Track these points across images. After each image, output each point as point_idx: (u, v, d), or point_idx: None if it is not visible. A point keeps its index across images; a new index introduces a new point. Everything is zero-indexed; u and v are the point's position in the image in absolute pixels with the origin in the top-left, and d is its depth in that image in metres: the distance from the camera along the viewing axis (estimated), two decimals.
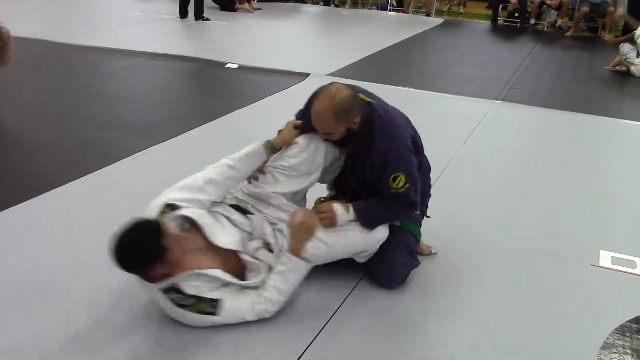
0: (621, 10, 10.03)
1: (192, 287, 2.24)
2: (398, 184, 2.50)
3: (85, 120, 4.74)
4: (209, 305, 2.26)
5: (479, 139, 4.79)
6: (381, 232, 2.59)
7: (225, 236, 2.42)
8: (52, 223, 3.12)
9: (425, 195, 2.87)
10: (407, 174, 2.51)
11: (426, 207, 2.89)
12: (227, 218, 2.51)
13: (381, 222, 2.60)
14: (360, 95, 2.54)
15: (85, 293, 2.53)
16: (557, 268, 2.97)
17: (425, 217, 2.89)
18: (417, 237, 2.78)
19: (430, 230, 2.99)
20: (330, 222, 2.50)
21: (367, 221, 2.55)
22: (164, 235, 2.17)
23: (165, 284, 2.23)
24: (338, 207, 2.52)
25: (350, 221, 2.53)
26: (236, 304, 2.30)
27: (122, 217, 3.16)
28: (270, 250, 2.51)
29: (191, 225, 2.39)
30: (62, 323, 2.34)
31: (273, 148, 2.62)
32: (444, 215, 3.29)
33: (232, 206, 2.58)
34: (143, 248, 2.16)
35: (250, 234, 2.53)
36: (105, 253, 2.81)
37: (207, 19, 9.72)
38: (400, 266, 2.67)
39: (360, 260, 2.64)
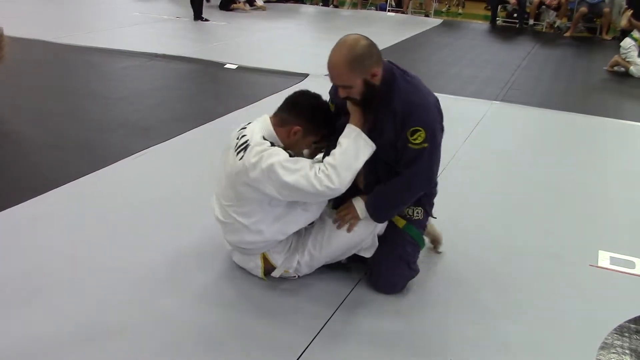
0: (624, 21, 10.03)
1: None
2: (416, 139, 2.34)
3: (84, 120, 4.74)
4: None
5: (478, 139, 4.79)
6: (364, 230, 2.57)
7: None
8: (51, 224, 3.12)
9: (432, 193, 2.75)
10: (429, 132, 2.34)
11: (431, 206, 2.78)
12: None
13: (392, 206, 2.53)
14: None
15: (84, 293, 2.53)
16: (556, 268, 2.97)
17: (431, 217, 2.81)
18: (419, 244, 2.70)
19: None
20: (353, 218, 2.52)
21: (375, 212, 2.50)
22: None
23: None
24: (358, 202, 2.52)
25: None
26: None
27: (122, 217, 3.19)
28: None
29: None
30: (61, 324, 2.34)
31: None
32: (442, 215, 3.28)
33: None
34: (325, 114, 2.53)
35: None
36: (105, 254, 2.82)
37: (206, 20, 9.72)
38: (396, 277, 2.64)
39: (367, 254, 2.66)
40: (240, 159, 2.39)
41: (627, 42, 7.68)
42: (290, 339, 2.32)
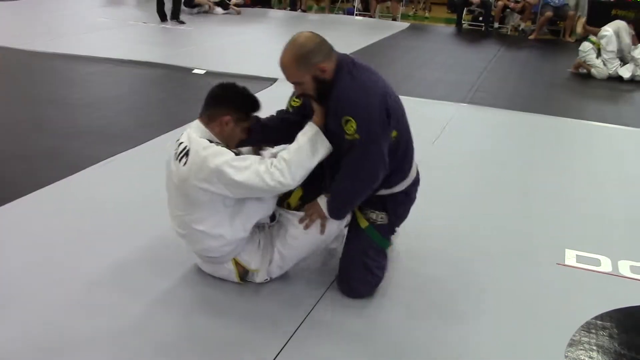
0: (579, 28, 10.26)
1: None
2: (349, 129, 2.31)
3: (49, 128, 4.66)
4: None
5: (445, 141, 4.84)
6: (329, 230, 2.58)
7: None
8: (17, 234, 3.06)
9: (398, 201, 2.67)
10: (360, 122, 2.29)
11: (398, 217, 2.72)
12: None
13: (345, 201, 2.50)
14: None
15: (49, 302, 2.49)
16: (523, 267, 3.01)
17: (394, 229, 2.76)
18: (382, 247, 2.65)
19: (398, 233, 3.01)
20: (320, 217, 2.53)
21: (333, 209, 2.50)
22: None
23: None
24: (322, 201, 2.52)
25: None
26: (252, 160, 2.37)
27: (90, 225, 3.14)
28: None
29: None
30: (21, 335, 2.30)
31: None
32: (410, 216, 3.31)
33: None
34: (249, 99, 2.56)
35: None
36: (72, 262, 2.78)
37: (183, 22, 9.82)
38: (361, 285, 2.62)
39: (335, 245, 2.75)
40: (185, 164, 2.37)
41: (585, 45, 7.83)
42: (258, 347, 2.31)
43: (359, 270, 2.59)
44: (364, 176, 2.42)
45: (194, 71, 6.62)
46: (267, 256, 2.60)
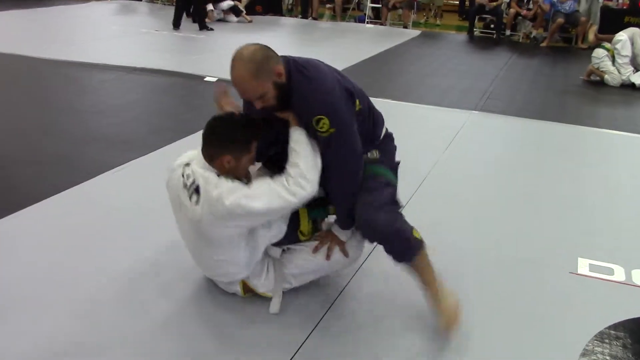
0: (591, 36, 10.22)
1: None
2: (322, 127, 2.29)
3: (62, 134, 4.70)
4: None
5: (457, 148, 4.82)
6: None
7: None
8: (29, 241, 3.08)
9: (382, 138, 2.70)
10: (332, 115, 2.29)
11: (394, 157, 2.74)
12: None
13: (346, 204, 2.47)
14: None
15: (61, 311, 2.50)
16: (536, 276, 2.99)
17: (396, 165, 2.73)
18: (385, 176, 2.56)
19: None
20: (338, 244, 2.57)
21: (344, 217, 2.51)
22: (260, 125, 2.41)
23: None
24: (336, 229, 2.55)
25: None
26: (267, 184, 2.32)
27: (101, 233, 3.15)
28: None
29: None
30: (36, 343, 2.31)
31: None
32: (423, 223, 3.29)
33: None
34: (244, 128, 2.37)
35: None
36: (84, 271, 2.79)
37: (211, 29, 10.16)
38: (384, 226, 2.43)
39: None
40: (196, 203, 2.30)
41: (599, 52, 7.79)
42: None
43: (365, 196, 2.46)
44: (352, 163, 2.43)
45: (205, 79, 6.65)
46: (279, 284, 2.56)
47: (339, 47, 9.58)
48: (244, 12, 11.65)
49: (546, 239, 3.40)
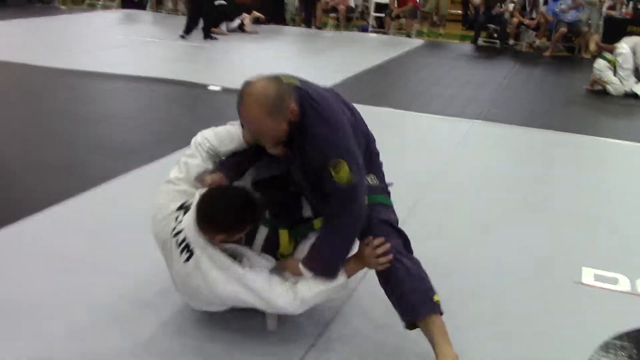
0: (592, 46, 10.21)
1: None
2: (340, 172, 2.12)
3: (67, 143, 4.71)
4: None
5: (460, 157, 4.82)
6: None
7: None
8: (34, 248, 3.08)
9: (377, 162, 2.58)
10: (350, 159, 2.15)
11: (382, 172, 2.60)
12: None
13: (339, 254, 2.29)
14: (284, 77, 2.24)
15: (65, 320, 2.50)
16: (540, 285, 2.98)
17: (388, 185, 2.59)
18: (384, 203, 2.44)
19: (413, 249, 2.97)
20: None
21: (318, 266, 2.27)
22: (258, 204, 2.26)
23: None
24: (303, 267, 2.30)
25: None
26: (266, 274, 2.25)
27: (106, 240, 3.15)
28: None
29: None
30: (45, 350, 2.31)
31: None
32: (424, 233, 3.29)
33: None
34: (239, 213, 2.21)
35: None
36: (90, 277, 2.79)
37: (215, 39, 10.21)
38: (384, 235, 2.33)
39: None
40: (186, 260, 2.23)
41: (600, 63, 7.77)
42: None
43: (378, 227, 2.35)
44: (354, 223, 2.27)
45: (209, 87, 6.67)
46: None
47: (342, 56, 9.60)
48: (246, 25, 11.60)
49: (550, 248, 3.39)
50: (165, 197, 2.40)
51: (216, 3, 10.78)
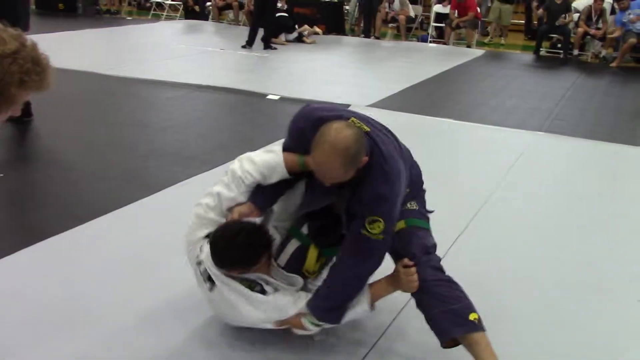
0: None
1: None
2: (374, 229, 2.18)
3: (129, 150, 4.85)
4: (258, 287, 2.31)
5: (522, 170, 4.72)
6: None
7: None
8: (96, 251, 3.18)
9: (419, 192, 2.56)
10: (388, 221, 2.21)
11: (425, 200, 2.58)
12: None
13: (341, 298, 2.29)
14: (355, 122, 2.25)
15: (126, 320, 2.56)
16: (603, 304, 2.88)
17: (429, 212, 2.57)
18: (424, 227, 2.46)
19: (472, 262, 2.93)
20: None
21: (322, 308, 2.28)
22: (269, 240, 2.33)
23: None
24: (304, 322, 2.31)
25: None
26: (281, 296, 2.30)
27: (165, 245, 3.22)
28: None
29: None
30: (100, 352, 2.37)
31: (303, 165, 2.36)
32: (485, 247, 3.24)
33: None
34: (252, 249, 2.27)
35: None
36: (146, 280, 2.85)
37: (275, 48, 10.32)
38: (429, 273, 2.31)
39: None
40: (210, 290, 2.34)
41: None
42: None
43: (417, 248, 2.35)
44: (375, 263, 2.28)
45: (268, 97, 6.75)
46: None
47: (401, 66, 9.56)
48: (306, 35, 11.71)
49: (613, 264, 3.28)
50: (195, 222, 2.43)
51: (278, 15, 10.94)
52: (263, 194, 2.41)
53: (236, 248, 2.22)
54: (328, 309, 2.27)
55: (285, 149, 2.40)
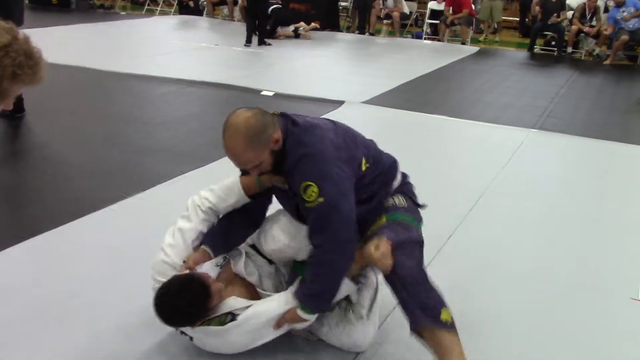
0: None
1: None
2: (310, 195, 2.06)
3: (123, 145, 4.83)
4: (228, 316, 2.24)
5: (515, 167, 4.73)
6: None
7: (249, 273, 2.42)
8: (89, 247, 3.17)
9: (409, 185, 2.46)
10: (322, 180, 2.07)
11: (414, 194, 2.46)
12: (247, 253, 2.48)
13: (326, 288, 2.19)
14: (276, 112, 2.25)
15: (118, 316, 2.55)
16: (596, 301, 2.89)
17: (419, 206, 2.44)
18: (409, 222, 2.29)
19: (465, 259, 2.94)
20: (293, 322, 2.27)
21: (308, 296, 2.18)
22: (210, 295, 2.21)
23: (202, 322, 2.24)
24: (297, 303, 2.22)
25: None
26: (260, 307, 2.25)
27: (158, 241, 3.20)
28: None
29: (224, 259, 2.44)
30: (93, 348, 2.37)
31: (259, 183, 2.35)
32: (478, 244, 3.24)
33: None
34: (192, 310, 2.19)
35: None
36: (139, 277, 2.84)
37: (269, 44, 10.27)
38: (402, 256, 2.16)
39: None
40: (191, 340, 2.32)
41: None
42: None
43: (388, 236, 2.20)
44: (341, 245, 2.13)
45: (262, 93, 6.74)
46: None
47: (395, 62, 9.56)
48: (305, 30, 11.71)
49: (606, 262, 3.29)
50: (157, 270, 2.36)
51: (271, 8, 10.92)
52: (216, 236, 2.39)
53: (177, 313, 2.18)
54: (314, 295, 2.17)
55: (243, 174, 2.37)
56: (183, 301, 2.16)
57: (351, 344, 2.37)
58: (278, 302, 2.23)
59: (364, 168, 2.26)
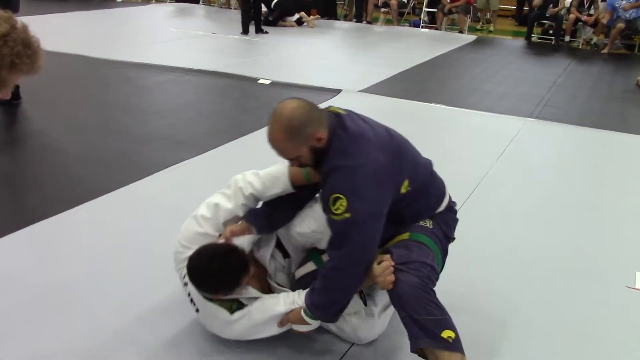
0: None
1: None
2: (338, 208, 1.99)
3: (120, 133, 4.82)
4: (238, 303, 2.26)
5: (512, 156, 4.74)
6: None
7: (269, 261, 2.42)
8: (87, 235, 3.18)
9: (449, 217, 2.38)
10: (352, 196, 1.99)
11: (449, 227, 2.37)
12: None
13: (332, 300, 2.14)
14: (332, 108, 2.19)
15: (115, 305, 2.56)
16: (592, 290, 2.91)
17: (450, 239, 2.38)
18: (424, 242, 2.18)
19: (462, 249, 2.94)
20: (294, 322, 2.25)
21: (318, 312, 2.16)
22: (247, 271, 2.19)
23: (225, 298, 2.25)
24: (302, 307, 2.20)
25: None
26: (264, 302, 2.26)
27: (157, 229, 3.22)
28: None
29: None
30: (92, 335, 2.38)
31: (308, 175, 2.31)
32: (475, 234, 3.25)
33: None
34: (225, 278, 2.17)
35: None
36: (137, 264, 2.85)
37: (266, 32, 10.26)
38: (402, 276, 2.06)
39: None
40: (196, 311, 2.32)
41: None
42: None
43: (398, 252, 2.13)
44: (355, 264, 2.08)
45: (259, 81, 6.72)
46: None
47: (392, 51, 9.53)
48: (310, 19, 11.69)
49: (602, 250, 3.31)
50: (187, 236, 2.33)
51: (275, 1, 10.91)
52: (261, 216, 2.35)
53: (211, 275, 2.15)
54: (318, 306, 2.14)
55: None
56: (223, 267, 2.13)
57: (353, 336, 2.37)
58: (284, 301, 2.23)
59: (403, 190, 2.16)
